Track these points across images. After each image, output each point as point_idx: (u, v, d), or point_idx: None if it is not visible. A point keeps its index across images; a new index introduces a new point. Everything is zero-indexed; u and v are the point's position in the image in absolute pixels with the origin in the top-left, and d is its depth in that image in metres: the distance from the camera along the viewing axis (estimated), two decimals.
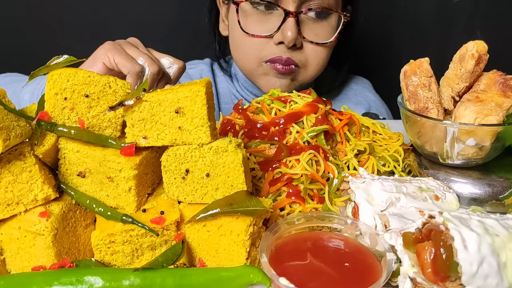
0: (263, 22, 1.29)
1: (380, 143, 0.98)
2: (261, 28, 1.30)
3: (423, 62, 0.92)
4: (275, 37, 1.28)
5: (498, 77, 0.87)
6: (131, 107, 0.69)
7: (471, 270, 0.55)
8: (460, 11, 1.88)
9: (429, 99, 0.89)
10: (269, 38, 1.29)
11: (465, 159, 0.88)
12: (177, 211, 0.72)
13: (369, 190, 0.77)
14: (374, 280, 0.62)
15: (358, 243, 0.71)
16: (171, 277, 0.65)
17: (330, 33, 1.33)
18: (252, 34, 1.30)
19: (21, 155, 0.67)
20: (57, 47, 1.30)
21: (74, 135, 0.70)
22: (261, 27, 1.30)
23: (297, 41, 1.27)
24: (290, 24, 1.24)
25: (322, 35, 1.32)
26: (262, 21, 1.29)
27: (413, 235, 0.62)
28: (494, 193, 0.86)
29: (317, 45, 1.32)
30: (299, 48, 1.31)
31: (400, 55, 1.93)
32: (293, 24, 1.24)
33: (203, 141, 0.69)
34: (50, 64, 0.70)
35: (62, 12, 1.94)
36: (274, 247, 0.69)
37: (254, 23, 1.31)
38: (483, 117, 0.82)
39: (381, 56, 1.93)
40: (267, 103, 0.98)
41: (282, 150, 0.86)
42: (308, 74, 1.37)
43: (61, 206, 0.70)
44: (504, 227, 0.60)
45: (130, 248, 0.70)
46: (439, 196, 0.80)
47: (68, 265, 0.68)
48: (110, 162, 0.69)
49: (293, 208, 0.83)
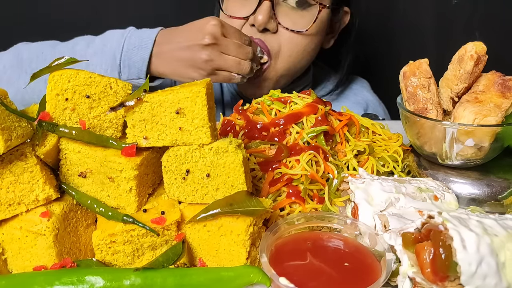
0: (243, 5, 1.33)
1: (379, 143, 0.99)
2: (241, 10, 1.33)
3: (422, 63, 0.92)
4: (250, 19, 1.32)
5: (497, 78, 0.87)
6: (132, 108, 0.69)
7: (470, 270, 0.55)
8: (459, 12, 1.89)
9: (428, 100, 0.90)
10: (245, 20, 1.33)
11: (464, 160, 0.88)
12: (178, 211, 0.72)
13: (368, 190, 0.78)
14: (374, 279, 0.62)
15: (357, 243, 0.71)
16: (172, 277, 0.66)
17: (309, 23, 1.33)
18: (230, 15, 1.34)
19: (22, 156, 0.68)
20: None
21: (75, 135, 0.70)
22: (241, 9, 1.33)
23: (269, 25, 1.29)
24: (263, 7, 1.27)
25: (300, 23, 1.32)
26: (243, 4, 1.33)
27: (412, 235, 0.63)
28: (493, 194, 0.86)
29: (293, 33, 1.32)
30: (274, 33, 1.32)
31: (399, 56, 1.93)
32: (266, 8, 1.27)
33: (204, 142, 0.69)
34: (52, 65, 0.70)
35: (63, 13, 1.94)
36: (274, 247, 0.69)
37: (234, 5, 1.35)
38: (482, 117, 0.82)
39: (381, 57, 1.94)
40: (267, 103, 0.98)
41: (282, 150, 0.87)
42: (278, 66, 1.36)
43: (62, 206, 0.70)
44: (503, 227, 0.60)
45: (131, 248, 0.70)
46: (438, 197, 0.80)
47: (69, 265, 0.68)
48: (111, 163, 0.69)
49: (293, 208, 0.83)
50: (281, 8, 1.31)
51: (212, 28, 1.17)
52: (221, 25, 1.18)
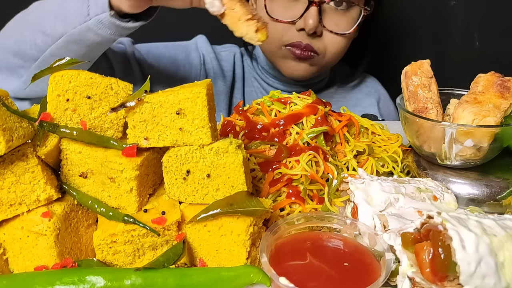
0: (288, 9, 1.35)
1: (379, 144, 0.99)
2: (285, 13, 1.35)
3: (423, 63, 0.93)
4: (297, 24, 1.34)
5: (496, 78, 0.88)
6: (133, 109, 0.69)
7: (469, 270, 0.55)
8: (457, 13, 1.89)
9: (428, 100, 0.90)
10: (291, 24, 1.35)
11: (463, 160, 0.88)
12: (178, 212, 0.72)
13: (368, 190, 0.78)
14: (373, 279, 0.62)
15: (357, 243, 0.72)
16: (172, 277, 0.66)
17: (350, 24, 1.37)
18: (276, 18, 1.35)
19: (23, 156, 0.68)
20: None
21: (76, 136, 0.70)
22: (285, 13, 1.35)
23: (317, 29, 1.33)
24: (312, 12, 1.30)
25: (342, 25, 1.36)
26: (287, 7, 1.35)
27: (411, 235, 0.63)
28: (492, 194, 0.86)
29: (336, 35, 1.37)
30: (319, 36, 1.36)
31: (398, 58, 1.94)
32: (315, 12, 1.30)
33: (204, 142, 0.70)
34: (53, 66, 0.71)
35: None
36: (274, 247, 0.69)
37: (279, 8, 1.36)
38: (481, 118, 0.83)
39: (380, 58, 1.94)
40: (267, 104, 0.98)
41: (282, 151, 0.87)
42: (325, 61, 1.42)
43: (63, 206, 0.71)
44: (501, 227, 0.60)
45: (132, 248, 0.71)
46: (437, 197, 0.80)
47: (70, 265, 0.69)
48: (111, 163, 0.70)
49: (293, 208, 0.83)
50: (325, 11, 1.34)
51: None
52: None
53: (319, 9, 1.31)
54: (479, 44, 1.85)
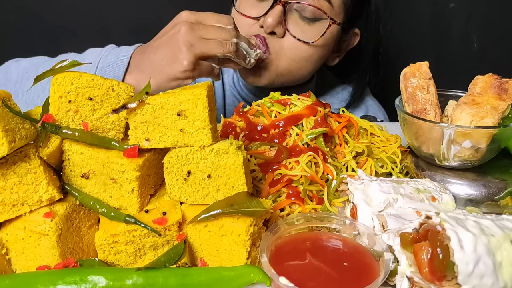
0: (255, 6, 1.35)
1: (378, 145, 0.99)
2: (252, 10, 1.35)
3: (422, 65, 0.93)
4: (260, 20, 1.33)
5: (494, 80, 0.88)
6: (134, 110, 0.70)
7: (467, 270, 0.56)
8: (456, 15, 1.90)
9: (427, 101, 0.91)
10: (256, 20, 1.34)
11: (461, 161, 0.89)
12: (179, 212, 0.73)
13: (367, 191, 0.78)
14: (372, 279, 0.63)
15: (356, 243, 0.72)
16: (173, 277, 0.66)
17: (317, 35, 1.34)
18: (242, 13, 1.36)
19: (26, 157, 0.68)
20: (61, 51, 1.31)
21: (78, 137, 0.71)
22: (253, 9, 1.35)
23: (277, 29, 1.30)
24: (275, 11, 1.29)
25: (308, 34, 1.33)
26: (254, 4, 1.35)
27: (410, 235, 0.63)
28: (490, 194, 0.87)
29: (299, 41, 1.33)
30: (280, 38, 1.33)
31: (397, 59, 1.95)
32: (278, 11, 1.28)
33: (205, 143, 0.70)
34: (55, 67, 0.71)
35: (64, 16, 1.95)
36: (274, 247, 0.70)
37: (247, 5, 1.37)
38: (479, 119, 0.83)
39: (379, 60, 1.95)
40: (267, 105, 0.99)
41: (282, 152, 0.88)
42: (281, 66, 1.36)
43: (65, 207, 0.71)
44: (499, 227, 0.61)
45: (133, 248, 0.71)
46: (436, 197, 0.81)
47: (72, 265, 0.69)
48: (113, 164, 0.70)
49: (293, 208, 0.84)
50: (292, 15, 1.32)
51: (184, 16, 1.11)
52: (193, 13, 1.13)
53: (284, 9, 1.28)
54: (477, 46, 1.85)
